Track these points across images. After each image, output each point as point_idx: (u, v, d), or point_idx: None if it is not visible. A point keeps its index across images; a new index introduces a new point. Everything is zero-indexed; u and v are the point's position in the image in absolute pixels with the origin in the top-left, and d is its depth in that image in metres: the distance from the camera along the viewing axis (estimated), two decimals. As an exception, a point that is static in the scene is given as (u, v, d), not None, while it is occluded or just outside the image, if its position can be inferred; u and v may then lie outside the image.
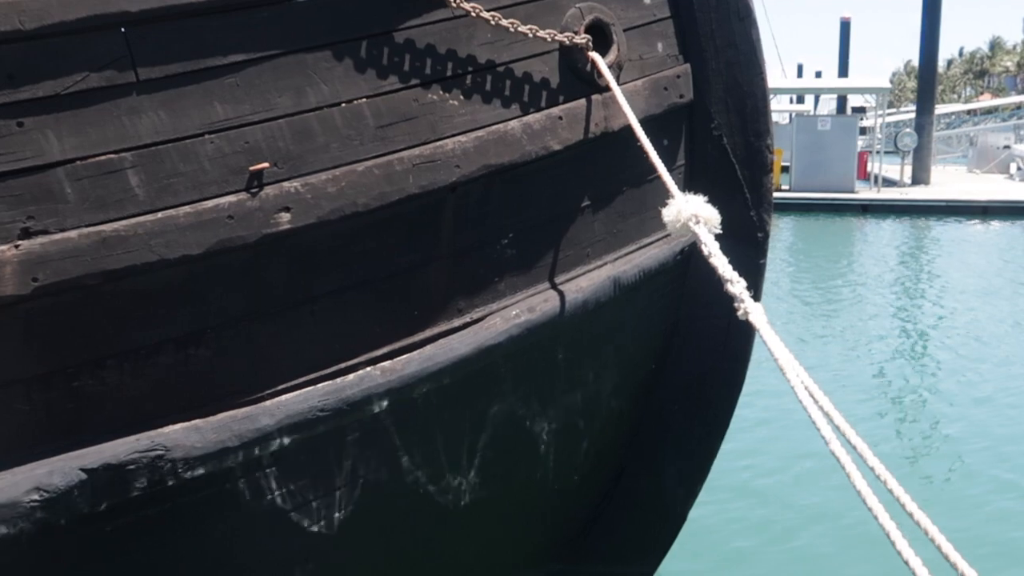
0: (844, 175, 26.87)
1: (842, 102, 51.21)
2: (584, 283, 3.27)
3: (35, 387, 2.48)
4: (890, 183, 29.87)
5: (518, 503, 3.53)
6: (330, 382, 2.82)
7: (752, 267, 3.51)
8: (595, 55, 3.14)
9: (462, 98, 2.97)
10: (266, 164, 2.66)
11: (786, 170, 28.38)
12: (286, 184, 2.68)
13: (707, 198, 2.81)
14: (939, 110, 48.42)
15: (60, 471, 2.44)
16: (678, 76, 3.44)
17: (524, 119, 3.06)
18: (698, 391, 3.75)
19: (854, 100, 50.51)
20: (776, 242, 19.33)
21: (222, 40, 2.62)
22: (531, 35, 2.99)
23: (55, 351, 2.50)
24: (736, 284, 2.47)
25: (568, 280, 3.27)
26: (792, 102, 60.01)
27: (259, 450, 2.70)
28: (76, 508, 2.46)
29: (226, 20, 2.63)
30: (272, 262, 2.72)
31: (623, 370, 3.60)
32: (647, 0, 3.37)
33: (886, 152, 31.04)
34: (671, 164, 3.41)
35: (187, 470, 2.59)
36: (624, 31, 3.29)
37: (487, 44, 3.00)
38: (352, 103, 2.79)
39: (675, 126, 3.49)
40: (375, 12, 2.84)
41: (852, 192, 26.80)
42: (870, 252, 19.09)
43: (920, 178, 30.28)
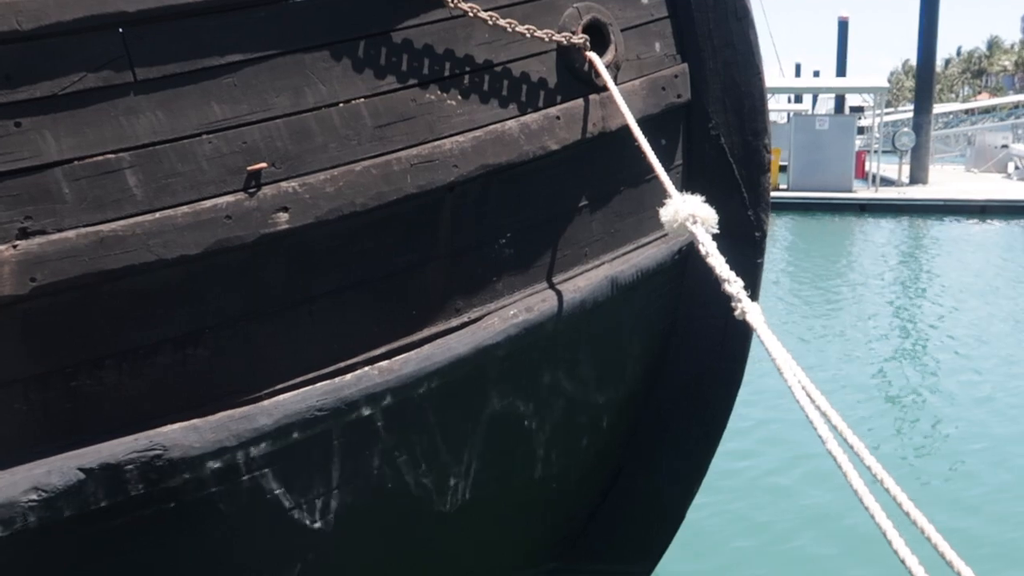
0: (842, 174, 26.89)
1: (840, 101, 51.27)
2: (582, 283, 3.28)
3: (33, 387, 2.48)
4: (888, 182, 29.88)
5: (516, 503, 3.54)
6: (328, 382, 2.82)
7: (750, 267, 3.51)
8: (593, 55, 3.14)
9: (460, 98, 2.97)
10: (264, 164, 2.66)
11: (784, 169, 28.39)
12: (284, 184, 2.68)
13: (704, 198, 2.81)
14: (937, 109, 48.44)
15: (58, 471, 2.44)
16: (676, 76, 3.44)
17: (522, 119, 3.06)
18: (696, 391, 3.75)
19: (852, 99, 50.58)
20: (774, 241, 19.36)
21: (220, 40, 2.62)
22: (528, 35, 2.99)
23: (53, 351, 2.50)
24: (733, 284, 2.47)
25: (566, 280, 3.27)
26: (790, 101, 60.12)
27: (257, 450, 2.70)
28: (74, 508, 2.46)
29: (224, 20, 2.63)
30: (270, 262, 2.72)
31: (621, 370, 3.60)
32: (644, 0, 3.38)
33: (884, 151, 31.06)
34: (669, 164, 3.41)
35: (185, 470, 2.59)
36: (622, 31, 3.29)
37: (485, 44, 3.00)
38: (350, 103, 2.79)
39: (673, 126, 3.49)
40: (373, 12, 2.84)
41: (850, 191, 26.81)
42: (868, 251, 19.09)
43: (918, 177, 30.29)
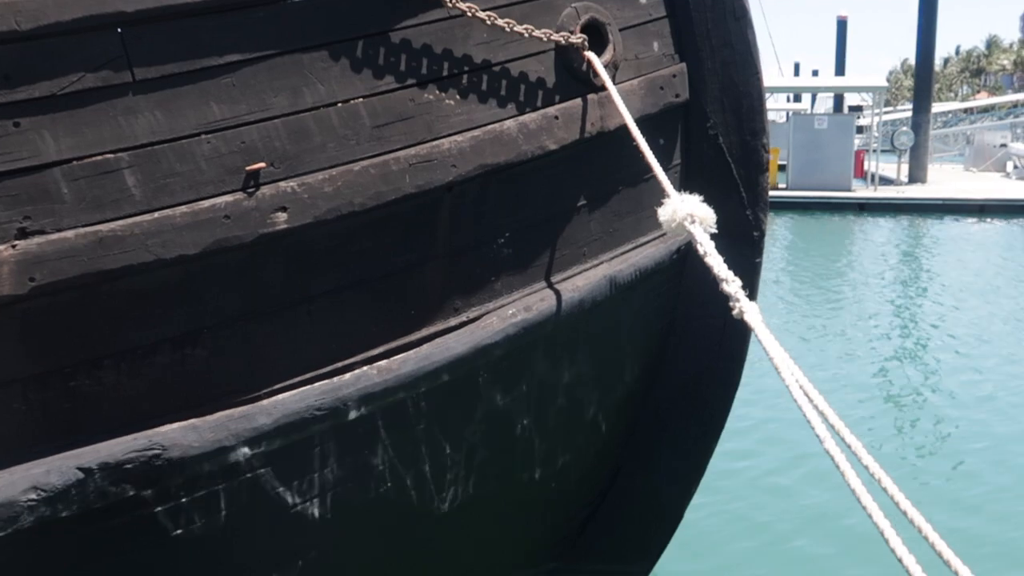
0: (841, 173, 26.90)
1: (839, 101, 51.28)
2: (580, 282, 3.28)
3: (32, 387, 2.48)
4: (887, 181, 29.89)
5: (516, 502, 3.54)
6: (327, 381, 2.82)
7: (748, 266, 3.51)
8: (591, 55, 3.15)
9: (458, 98, 2.97)
10: (262, 164, 2.66)
11: (783, 168, 28.42)
12: (283, 184, 2.68)
13: (703, 197, 2.81)
14: (936, 108, 48.52)
15: (58, 470, 2.44)
16: (674, 75, 3.44)
17: (520, 119, 3.07)
18: (694, 390, 3.75)
19: (851, 99, 50.65)
20: (773, 240, 19.37)
21: (218, 40, 2.62)
22: (527, 35, 2.99)
23: (52, 351, 2.50)
24: (731, 283, 2.47)
25: (564, 279, 3.27)
26: (789, 101, 60.15)
27: (256, 449, 2.71)
28: (73, 507, 2.46)
29: (222, 20, 2.63)
30: (269, 262, 2.72)
31: (619, 369, 3.60)
32: (643, 0, 3.38)
33: (883, 150, 31.07)
34: (667, 163, 3.41)
35: (184, 469, 2.60)
36: (620, 31, 3.29)
37: (483, 44, 3.01)
38: (348, 103, 2.79)
39: (671, 125, 3.49)
40: (371, 12, 2.84)
41: (849, 191, 26.82)
42: (868, 251, 19.10)
43: (917, 176, 30.30)
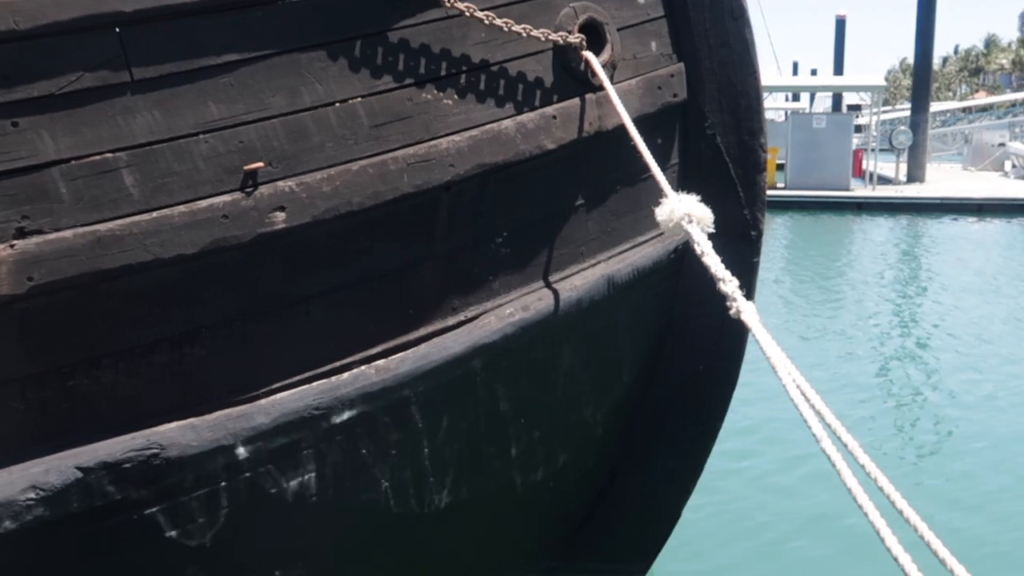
0: (839, 173, 26.91)
1: (837, 100, 51.30)
2: (578, 282, 3.28)
3: (31, 386, 2.49)
4: (885, 181, 29.90)
5: (514, 501, 3.54)
6: (325, 381, 2.83)
7: (746, 266, 3.52)
8: (589, 54, 3.15)
9: (456, 97, 2.98)
10: (260, 164, 2.67)
11: (781, 168, 28.41)
12: (281, 183, 2.69)
13: (700, 197, 2.82)
14: (934, 108, 48.58)
15: (56, 469, 2.45)
16: (672, 75, 3.45)
17: (518, 118, 3.07)
18: (692, 390, 3.76)
19: (849, 98, 50.66)
20: (771, 240, 19.37)
21: (216, 40, 2.63)
22: (525, 35, 3.00)
23: (50, 350, 2.50)
24: (728, 283, 2.48)
25: (562, 279, 3.28)
26: (787, 100, 60.16)
27: (255, 448, 2.71)
28: (72, 507, 2.47)
29: (220, 20, 2.64)
30: (267, 261, 2.73)
31: (616, 369, 3.61)
32: (641, 0, 3.38)
33: (881, 150, 31.08)
34: (665, 163, 3.42)
35: (183, 468, 2.60)
36: (618, 30, 3.29)
37: (481, 44, 3.01)
38: (346, 102, 2.80)
39: (669, 125, 3.50)
40: (369, 12, 2.84)
41: (847, 190, 26.83)
42: (867, 250, 19.10)
43: (915, 176, 30.31)
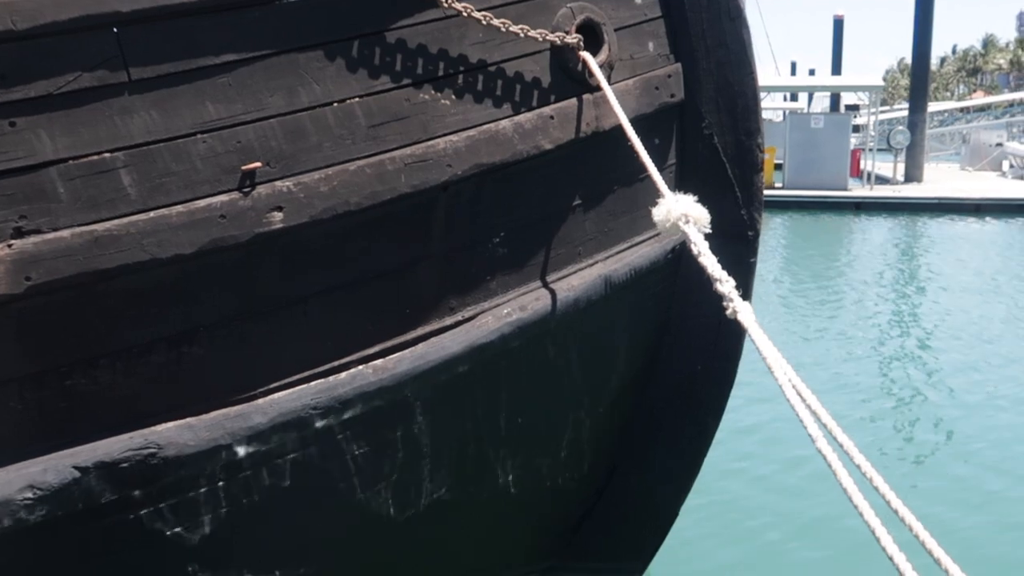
0: (837, 173, 26.94)
1: (835, 100, 51.41)
2: (575, 282, 3.29)
3: (28, 386, 2.49)
4: (883, 181, 29.93)
5: (513, 500, 3.54)
6: (322, 380, 2.83)
7: (743, 266, 3.52)
8: (586, 55, 3.15)
9: (454, 98, 2.98)
10: (258, 163, 2.67)
11: (779, 167, 28.44)
12: (278, 183, 2.69)
13: (697, 197, 2.82)
14: (932, 108, 48.61)
15: (54, 469, 2.45)
16: (669, 75, 3.45)
17: (515, 118, 3.07)
18: (689, 390, 3.76)
19: (847, 98, 50.68)
20: (770, 239, 19.39)
21: (214, 40, 2.63)
22: (522, 35, 3.00)
23: (48, 350, 2.50)
24: (725, 283, 2.48)
25: (559, 279, 3.28)
26: (786, 100, 60.18)
27: (252, 448, 2.71)
28: (69, 506, 2.47)
29: (218, 20, 2.64)
30: (264, 261, 2.73)
31: (614, 369, 3.61)
32: (638, 0, 3.39)
33: (879, 150, 31.12)
34: (662, 163, 3.42)
35: (180, 468, 2.60)
36: (615, 31, 3.30)
37: (478, 44, 3.01)
38: (344, 103, 2.80)
39: (666, 125, 3.50)
40: (367, 12, 2.84)
41: (845, 190, 26.86)
42: (865, 250, 19.12)
43: (913, 176, 30.34)
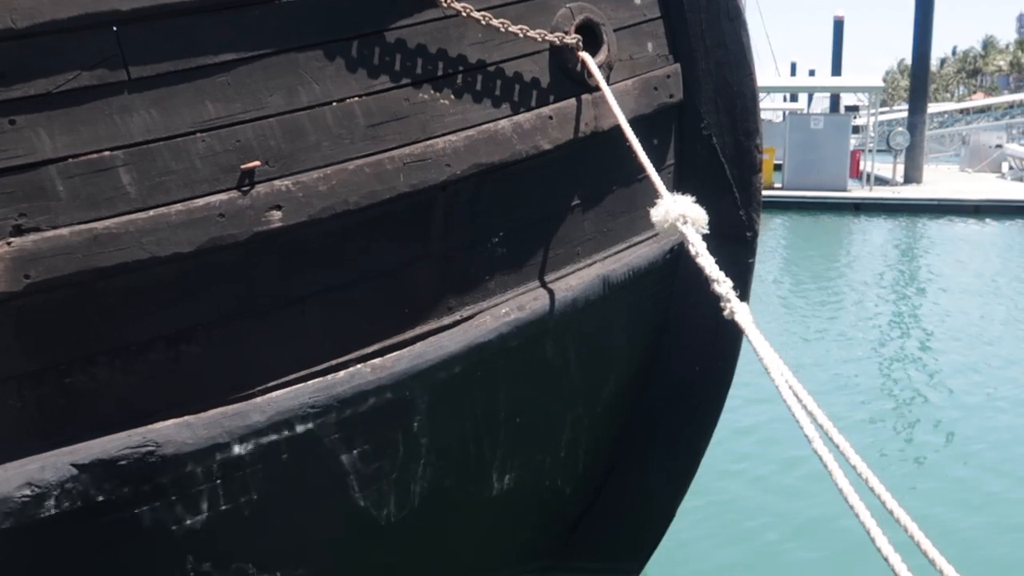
0: (837, 173, 26.96)
1: (835, 100, 51.41)
2: (574, 281, 3.29)
3: (27, 383, 2.49)
4: (882, 182, 29.93)
5: (511, 500, 3.55)
6: (321, 379, 2.83)
7: (741, 266, 3.53)
8: (585, 55, 3.16)
9: (453, 97, 2.98)
10: (257, 162, 2.67)
11: (779, 168, 28.45)
12: (277, 182, 2.69)
13: (696, 197, 2.83)
14: (932, 109, 48.62)
15: (52, 467, 2.45)
16: (668, 76, 3.45)
17: (514, 118, 3.08)
18: (687, 390, 3.76)
19: (847, 98, 50.69)
20: (770, 240, 19.40)
21: (213, 39, 2.63)
22: (521, 35, 3.00)
23: (47, 348, 2.51)
24: (722, 284, 2.49)
25: (558, 279, 3.29)
26: (785, 100, 60.18)
27: (250, 446, 2.72)
28: (67, 504, 2.47)
29: (217, 19, 2.64)
30: (263, 260, 2.73)
31: (613, 369, 3.62)
32: (637, 0, 3.39)
33: (879, 151, 31.13)
34: (660, 163, 3.43)
35: (178, 466, 2.61)
36: (614, 31, 3.30)
37: (477, 44, 3.02)
38: (343, 102, 2.80)
39: (665, 126, 3.50)
40: (366, 12, 2.85)
41: (845, 190, 26.88)
42: (864, 251, 19.12)
43: (912, 177, 30.35)
